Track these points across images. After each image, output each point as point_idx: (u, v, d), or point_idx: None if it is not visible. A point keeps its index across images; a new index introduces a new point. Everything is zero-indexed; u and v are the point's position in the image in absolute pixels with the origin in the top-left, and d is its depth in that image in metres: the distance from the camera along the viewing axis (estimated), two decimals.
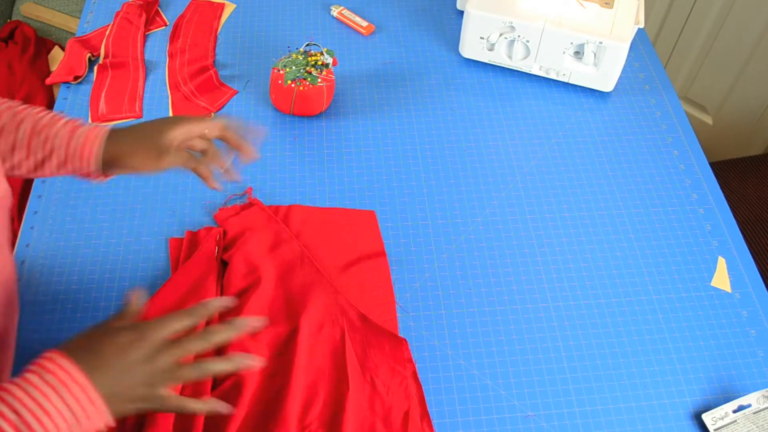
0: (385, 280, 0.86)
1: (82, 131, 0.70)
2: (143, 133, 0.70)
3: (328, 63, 1.00)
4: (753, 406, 0.76)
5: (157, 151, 0.69)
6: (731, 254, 0.91)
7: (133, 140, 0.70)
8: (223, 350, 0.76)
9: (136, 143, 0.70)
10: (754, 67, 1.61)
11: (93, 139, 0.69)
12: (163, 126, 0.71)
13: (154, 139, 0.70)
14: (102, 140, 0.69)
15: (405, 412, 0.74)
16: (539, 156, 1.01)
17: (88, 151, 0.69)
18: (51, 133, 0.69)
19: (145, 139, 0.70)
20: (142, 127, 0.71)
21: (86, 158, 0.69)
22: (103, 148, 0.69)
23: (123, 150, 0.70)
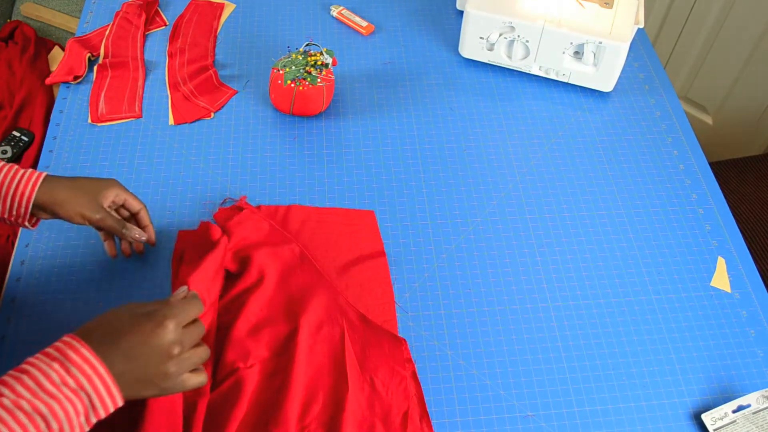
0: (384, 280, 0.86)
1: (21, 174, 0.74)
2: (79, 186, 0.76)
3: (328, 63, 1.00)
4: (752, 407, 0.76)
5: (90, 205, 0.76)
6: (731, 254, 0.91)
7: (68, 190, 0.75)
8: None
9: (71, 193, 0.75)
10: (754, 67, 1.61)
11: (31, 183, 0.74)
12: (100, 183, 0.78)
13: (89, 193, 0.76)
14: (39, 184, 0.74)
15: (404, 412, 0.74)
16: (539, 156, 1.01)
17: (26, 193, 0.73)
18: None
19: (80, 190, 0.76)
20: (78, 180, 0.77)
21: (24, 200, 0.74)
22: (38, 192, 0.74)
23: (58, 197, 0.75)
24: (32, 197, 0.73)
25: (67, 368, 0.55)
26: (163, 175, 0.96)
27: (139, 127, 1.02)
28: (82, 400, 0.55)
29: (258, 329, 0.78)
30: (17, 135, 1.32)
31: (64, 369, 0.55)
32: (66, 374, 0.55)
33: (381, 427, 0.73)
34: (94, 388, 0.56)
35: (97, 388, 0.56)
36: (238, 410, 0.72)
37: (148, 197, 0.93)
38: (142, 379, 0.59)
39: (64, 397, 0.54)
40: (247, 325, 0.78)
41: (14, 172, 0.74)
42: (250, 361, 0.75)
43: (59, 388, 0.54)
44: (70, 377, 0.55)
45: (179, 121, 1.03)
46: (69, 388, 0.54)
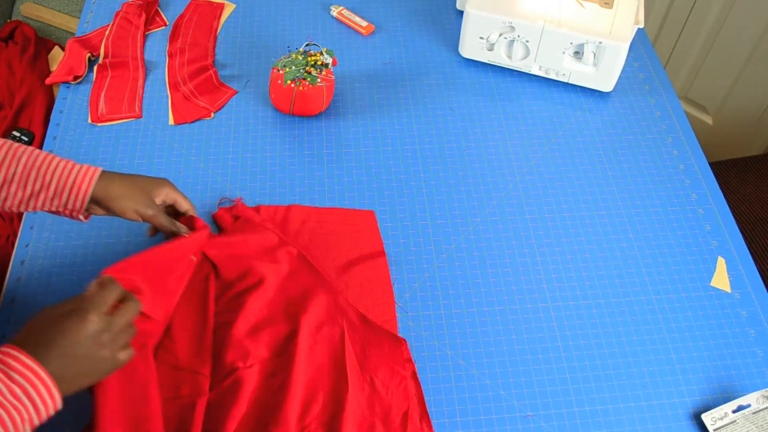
0: (384, 280, 0.86)
1: (78, 169, 0.75)
2: (133, 182, 0.78)
3: (328, 63, 1.00)
4: (752, 407, 0.76)
5: (143, 201, 0.77)
6: (731, 254, 0.91)
7: (123, 185, 0.77)
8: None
9: (126, 189, 0.76)
10: (754, 67, 1.61)
11: (88, 177, 0.75)
12: (153, 182, 0.79)
13: (143, 190, 0.77)
14: (95, 179, 0.75)
15: (404, 412, 0.74)
16: (539, 156, 1.01)
17: (83, 186, 0.74)
18: (49, 168, 0.74)
19: (134, 187, 0.77)
20: (132, 177, 0.79)
21: (81, 193, 0.74)
22: (95, 186, 0.75)
23: (113, 192, 0.76)
24: (89, 192, 0.74)
25: (11, 377, 0.56)
26: (163, 175, 0.96)
27: (139, 127, 1.02)
28: (26, 406, 0.57)
29: (258, 329, 0.78)
30: (17, 135, 1.32)
31: (9, 378, 0.56)
32: (11, 383, 0.56)
33: (381, 427, 0.72)
34: (38, 394, 0.57)
35: (41, 393, 0.58)
36: (237, 409, 0.72)
37: None
38: (80, 373, 0.61)
39: (12, 406, 0.56)
40: (247, 325, 0.78)
41: (71, 167, 0.74)
42: (250, 361, 0.75)
43: (5, 396, 0.56)
44: (15, 385, 0.56)
45: (179, 121, 1.03)
46: (15, 396, 0.56)
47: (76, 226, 0.89)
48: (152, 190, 0.78)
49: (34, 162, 0.73)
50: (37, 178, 0.73)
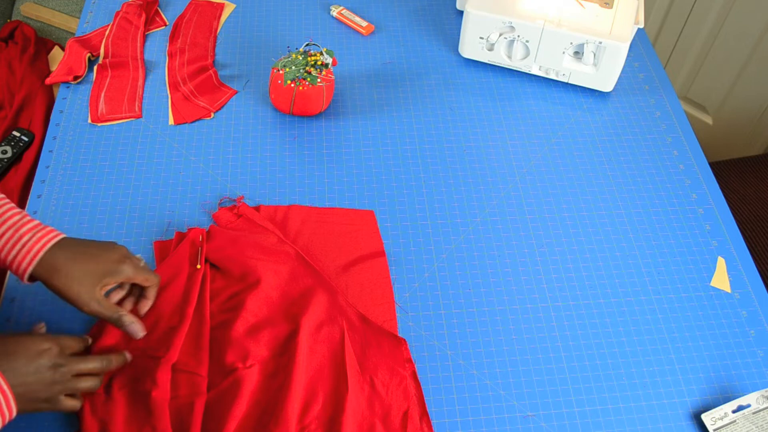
0: (384, 280, 0.86)
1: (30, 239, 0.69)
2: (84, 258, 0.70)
3: (328, 63, 1.00)
4: (752, 407, 0.76)
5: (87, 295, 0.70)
6: (731, 254, 0.91)
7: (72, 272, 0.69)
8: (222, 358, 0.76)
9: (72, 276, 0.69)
10: (754, 67, 1.61)
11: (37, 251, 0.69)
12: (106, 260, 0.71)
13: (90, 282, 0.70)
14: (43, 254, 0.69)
15: (404, 412, 0.74)
16: (539, 156, 1.01)
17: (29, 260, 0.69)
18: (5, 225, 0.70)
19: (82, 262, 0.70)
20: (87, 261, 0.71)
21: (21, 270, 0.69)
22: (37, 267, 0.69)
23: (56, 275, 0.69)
24: (29, 269, 0.69)
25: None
26: (163, 175, 0.96)
27: (139, 127, 1.02)
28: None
29: (257, 330, 0.78)
30: (17, 135, 1.32)
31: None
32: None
33: (381, 427, 0.72)
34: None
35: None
36: (236, 409, 0.72)
37: (148, 197, 0.93)
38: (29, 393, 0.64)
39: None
40: (247, 326, 0.78)
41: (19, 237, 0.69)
42: (250, 362, 0.75)
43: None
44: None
45: (179, 121, 1.03)
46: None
47: (76, 226, 0.89)
48: (103, 278, 0.70)
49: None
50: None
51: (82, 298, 0.69)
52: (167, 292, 0.80)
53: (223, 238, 0.86)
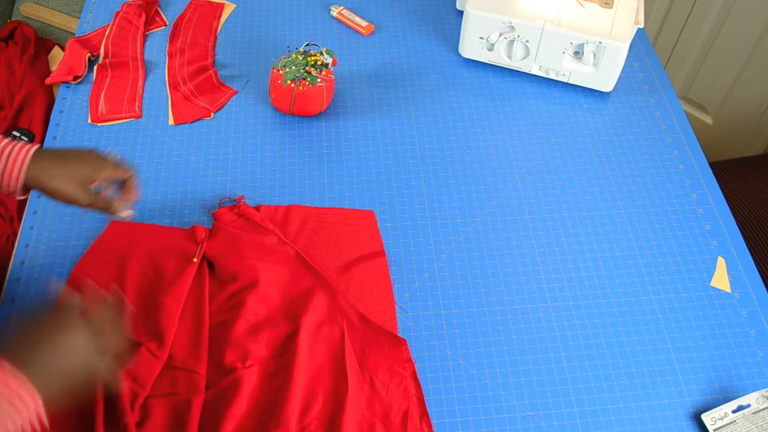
0: (384, 280, 0.86)
1: (10, 149, 0.73)
2: (68, 160, 0.76)
3: (328, 63, 1.00)
4: (752, 407, 0.76)
5: (78, 181, 0.75)
6: (731, 254, 0.91)
7: (57, 164, 0.75)
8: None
9: (60, 168, 0.75)
10: (754, 67, 1.61)
11: (20, 159, 0.73)
12: (86, 169, 0.76)
13: (77, 169, 0.75)
14: (29, 160, 0.73)
15: (404, 411, 0.74)
16: (539, 156, 1.01)
17: (16, 170, 0.73)
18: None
19: (68, 165, 0.75)
20: (67, 153, 0.77)
21: (14, 177, 0.73)
22: (28, 166, 0.73)
23: (47, 172, 0.74)
24: (20, 175, 0.73)
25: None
26: (163, 175, 0.96)
27: (139, 127, 1.02)
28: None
29: (257, 330, 0.78)
30: (17, 135, 1.32)
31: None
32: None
33: (381, 427, 0.72)
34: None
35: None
36: (235, 408, 0.72)
37: (148, 197, 0.93)
38: (59, 379, 0.62)
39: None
40: (247, 325, 0.78)
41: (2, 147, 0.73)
42: (249, 362, 0.75)
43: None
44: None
45: (179, 121, 1.03)
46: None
47: (76, 226, 0.89)
48: (90, 175, 0.76)
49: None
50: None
51: (78, 195, 0.75)
52: (162, 284, 0.80)
53: (223, 237, 0.86)
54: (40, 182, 0.74)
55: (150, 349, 0.75)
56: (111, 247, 0.86)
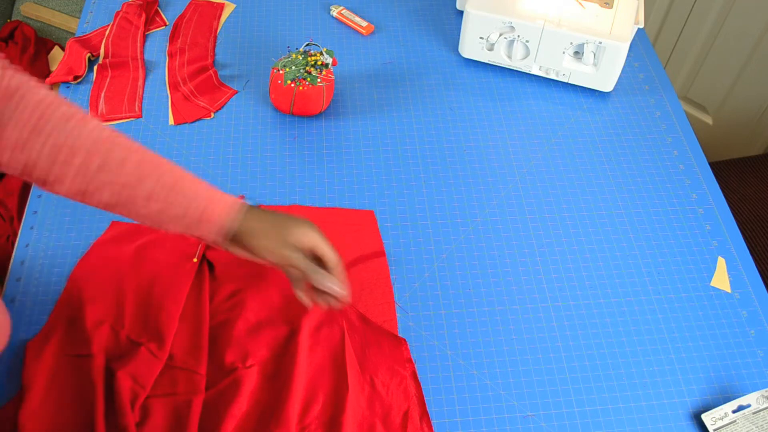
0: (384, 280, 0.86)
1: (221, 198, 0.69)
2: (276, 221, 0.71)
3: (328, 63, 1.00)
4: (752, 407, 0.76)
5: (284, 242, 0.70)
6: (731, 254, 0.91)
7: (265, 223, 0.70)
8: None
9: (267, 226, 0.70)
10: (754, 67, 1.61)
11: (228, 210, 0.69)
12: (299, 224, 0.71)
13: (286, 230, 0.70)
14: (237, 213, 0.69)
15: (404, 411, 0.74)
16: (539, 156, 1.01)
17: (222, 220, 0.68)
18: (190, 192, 0.68)
19: (276, 226, 0.70)
20: (275, 216, 0.72)
21: (218, 227, 0.69)
22: (236, 221, 0.69)
23: (252, 228, 0.70)
24: (225, 227, 0.69)
25: None
26: None
27: (139, 127, 1.02)
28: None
29: (258, 330, 0.78)
30: None
31: None
32: None
33: (381, 427, 0.73)
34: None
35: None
36: (236, 408, 0.72)
37: None
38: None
39: None
40: (247, 326, 0.78)
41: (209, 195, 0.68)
42: (249, 362, 0.75)
43: None
44: None
45: (179, 121, 1.03)
46: None
47: (76, 225, 0.89)
48: (292, 231, 0.70)
49: (174, 183, 0.67)
50: (179, 202, 0.67)
51: (282, 252, 0.69)
52: (162, 284, 0.80)
53: None
54: (242, 239, 0.69)
55: (150, 350, 0.75)
56: (111, 248, 0.86)
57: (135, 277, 0.82)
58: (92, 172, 0.64)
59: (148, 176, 0.66)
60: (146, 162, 0.67)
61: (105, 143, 0.65)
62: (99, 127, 0.66)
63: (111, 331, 0.77)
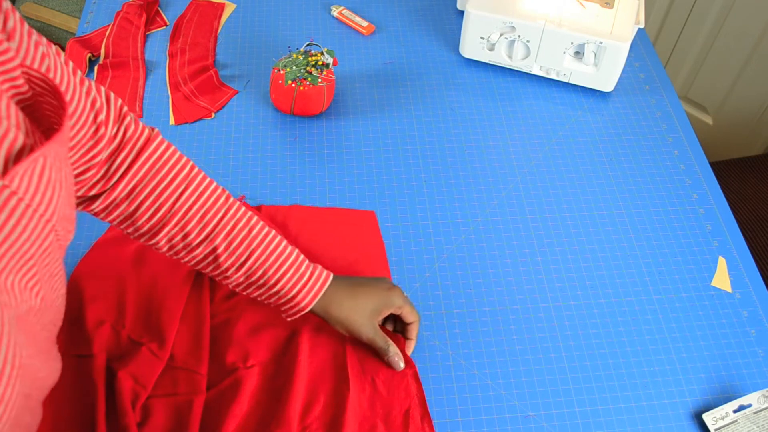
0: None
1: (310, 279, 0.73)
2: (358, 291, 0.75)
3: (329, 63, 1.00)
4: (753, 406, 0.76)
5: (366, 314, 0.74)
6: (731, 254, 0.91)
7: (349, 295, 0.74)
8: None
9: (351, 299, 0.74)
10: (754, 67, 1.61)
11: (318, 289, 0.73)
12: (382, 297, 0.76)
13: (368, 301, 0.75)
14: (321, 294, 0.73)
15: (405, 410, 0.74)
16: (539, 156, 1.01)
17: (310, 299, 0.73)
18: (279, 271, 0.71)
19: (359, 296, 0.75)
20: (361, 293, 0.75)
21: (305, 304, 0.73)
22: (318, 303, 0.73)
23: (335, 308, 0.74)
24: (308, 307, 0.73)
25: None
26: None
27: None
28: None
29: (258, 330, 0.78)
30: None
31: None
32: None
33: (382, 426, 0.72)
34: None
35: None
36: (237, 408, 0.72)
37: None
38: None
39: None
40: (248, 326, 0.78)
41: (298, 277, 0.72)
42: (250, 362, 0.75)
43: None
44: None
45: (180, 121, 1.03)
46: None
47: (77, 227, 0.89)
48: (379, 308, 0.75)
49: (266, 258, 0.71)
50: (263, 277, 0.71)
51: (363, 328, 0.74)
52: (163, 284, 0.80)
53: None
54: (328, 310, 0.74)
55: (151, 350, 0.75)
56: (112, 248, 0.86)
57: (136, 277, 0.82)
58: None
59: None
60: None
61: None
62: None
63: (112, 331, 0.77)
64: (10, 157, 0.44)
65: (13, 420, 0.47)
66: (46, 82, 0.48)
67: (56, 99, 0.48)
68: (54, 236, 0.50)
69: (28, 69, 0.48)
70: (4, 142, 0.43)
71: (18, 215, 0.44)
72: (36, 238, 0.47)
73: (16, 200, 0.44)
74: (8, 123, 0.44)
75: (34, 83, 0.48)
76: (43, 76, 0.48)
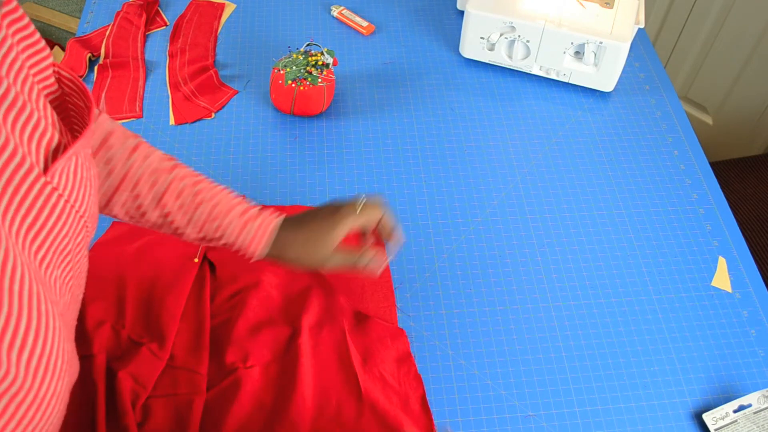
0: (386, 282, 0.85)
1: (254, 225, 0.70)
2: (310, 234, 0.71)
3: (329, 63, 1.00)
4: (753, 406, 0.76)
5: (321, 254, 0.71)
6: (731, 254, 0.91)
7: (299, 240, 0.71)
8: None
9: (302, 244, 0.71)
10: (754, 67, 1.61)
11: (262, 234, 0.70)
12: (331, 228, 0.71)
13: (320, 242, 0.71)
14: (271, 236, 0.70)
15: (421, 396, 0.74)
16: (539, 156, 1.01)
17: (256, 244, 0.70)
18: (224, 221, 0.70)
19: (310, 240, 0.71)
20: (309, 227, 0.72)
21: (253, 250, 0.70)
22: (270, 244, 0.71)
23: (288, 249, 0.71)
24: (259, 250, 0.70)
25: None
26: None
27: (140, 127, 1.02)
28: None
29: (258, 330, 0.78)
30: None
31: None
32: None
33: (404, 416, 0.72)
34: None
35: None
36: (237, 407, 0.72)
37: None
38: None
39: None
40: (248, 325, 0.78)
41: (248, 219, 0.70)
42: (250, 362, 0.75)
43: None
44: None
45: (180, 121, 1.03)
46: None
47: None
48: (332, 236, 0.70)
49: (210, 213, 0.69)
50: (212, 230, 0.70)
51: (318, 260, 0.71)
52: (163, 284, 0.80)
53: None
54: (282, 253, 0.71)
55: (151, 350, 0.75)
56: (112, 248, 0.86)
57: (136, 277, 0.82)
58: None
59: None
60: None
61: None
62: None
63: (112, 331, 0.77)
64: (48, 155, 0.45)
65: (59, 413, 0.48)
66: (74, 82, 0.49)
67: (82, 99, 0.49)
68: (85, 232, 0.52)
69: (59, 69, 0.49)
70: (44, 140, 0.45)
71: (59, 211, 0.46)
72: (73, 233, 0.49)
73: (56, 196, 0.46)
74: (46, 122, 0.46)
75: (63, 83, 0.50)
76: (72, 76, 0.49)
